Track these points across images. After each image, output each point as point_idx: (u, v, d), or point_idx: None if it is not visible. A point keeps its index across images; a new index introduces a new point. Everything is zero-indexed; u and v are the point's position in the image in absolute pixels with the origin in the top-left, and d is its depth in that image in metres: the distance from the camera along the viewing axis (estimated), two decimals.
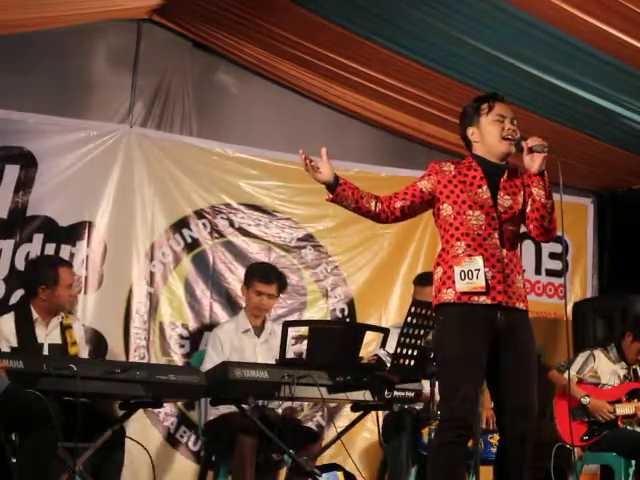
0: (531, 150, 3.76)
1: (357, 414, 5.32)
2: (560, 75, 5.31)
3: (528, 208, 3.88)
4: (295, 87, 6.46)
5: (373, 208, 3.89)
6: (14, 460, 3.94)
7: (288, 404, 5.32)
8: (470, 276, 3.76)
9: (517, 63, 5.26)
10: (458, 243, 3.83)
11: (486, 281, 3.75)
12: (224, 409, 5.19)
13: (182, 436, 5.95)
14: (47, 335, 4.93)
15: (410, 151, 6.90)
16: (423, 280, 5.68)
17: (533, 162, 3.77)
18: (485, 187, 3.86)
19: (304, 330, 5.97)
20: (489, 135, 3.89)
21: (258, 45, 5.93)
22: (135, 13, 5.88)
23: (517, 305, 3.83)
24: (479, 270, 3.75)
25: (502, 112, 3.89)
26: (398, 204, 3.92)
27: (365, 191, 3.91)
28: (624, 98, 5.48)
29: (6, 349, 4.72)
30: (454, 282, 3.79)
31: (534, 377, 3.87)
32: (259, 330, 5.56)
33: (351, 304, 6.58)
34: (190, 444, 5.96)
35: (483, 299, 3.77)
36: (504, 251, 3.82)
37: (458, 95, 5.81)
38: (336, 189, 3.82)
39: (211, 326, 5.93)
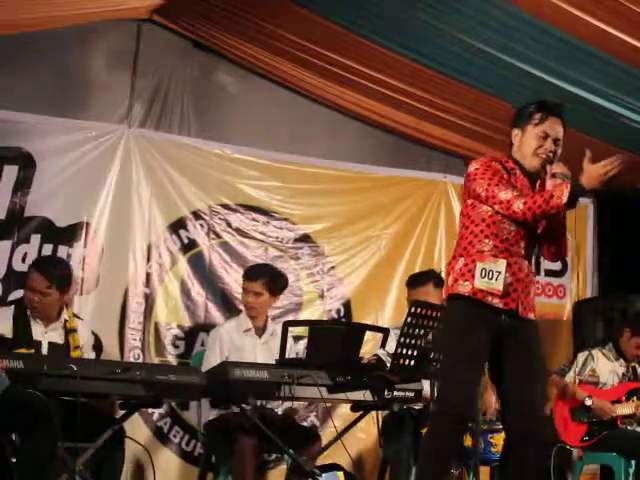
0: (553, 175, 3.79)
1: (352, 414, 5.32)
2: (560, 75, 5.31)
3: (539, 229, 3.92)
4: (295, 87, 6.46)
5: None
6: (14, 460, 3.94)
7: (288, 404, 5.31)
8: (490, 276, 3.79)
9: (517, 63, 5.25)
10: (486, 240, 3.85)
11: (504, 286, 3.79)
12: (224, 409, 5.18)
13: (175, 436, 5.94)
14: (46, 333, 4.88)
15: (410, 151, 6.90)
16: (415, 281, 5.66)
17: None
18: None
19: (300, 330, 5.96)
20: (526, 145, 3.90)
21: (258, 45, 5.93)
22: (135, 13, 5.88)
23: (529, 315, 3.89)
24: (500, 273, 3.79)
25: (549, 130, 3.86)
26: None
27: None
28: (624, 98, 5.48)
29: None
30: (473, 276, 3.81)
31: (538, 375, 3.92)
32: (261, 331, 5.55)
33: (347, 305, 6.57)
34: (183, 444, 5.96)
35: (497, 301, 3.80)
36: (525, 262, 3.87)
37: (458, 95, 5.82)
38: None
39: (206, 327, 5.93)
